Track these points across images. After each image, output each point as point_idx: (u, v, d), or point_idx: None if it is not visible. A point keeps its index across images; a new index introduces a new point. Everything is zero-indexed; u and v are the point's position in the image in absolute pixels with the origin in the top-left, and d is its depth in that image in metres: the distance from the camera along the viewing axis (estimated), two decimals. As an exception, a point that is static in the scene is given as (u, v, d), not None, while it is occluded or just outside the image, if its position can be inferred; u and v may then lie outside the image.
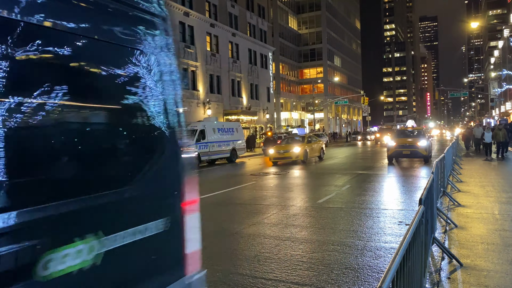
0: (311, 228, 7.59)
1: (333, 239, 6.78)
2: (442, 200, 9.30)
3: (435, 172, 6.74)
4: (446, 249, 5.54)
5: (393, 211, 8.85)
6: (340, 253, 5.94)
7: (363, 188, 12.40)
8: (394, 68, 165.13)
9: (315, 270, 5.27)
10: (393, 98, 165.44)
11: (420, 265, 3.65)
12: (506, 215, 7.97)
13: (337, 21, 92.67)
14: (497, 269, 5.07)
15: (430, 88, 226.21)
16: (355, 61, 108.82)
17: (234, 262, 5.74)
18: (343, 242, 6.57)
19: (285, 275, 5.16)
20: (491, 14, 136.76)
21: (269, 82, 54.96)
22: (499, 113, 55.76)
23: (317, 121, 77.92)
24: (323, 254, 5.96)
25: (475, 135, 26.85)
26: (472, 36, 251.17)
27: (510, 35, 50.17)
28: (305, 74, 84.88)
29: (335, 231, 7.29)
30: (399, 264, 2.29)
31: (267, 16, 56.48)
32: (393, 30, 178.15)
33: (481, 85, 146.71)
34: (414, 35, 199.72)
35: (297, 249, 6.26)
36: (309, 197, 11.26)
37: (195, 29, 38.39)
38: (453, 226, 7.21)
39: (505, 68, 42.40)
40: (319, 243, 6.56)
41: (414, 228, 2.94)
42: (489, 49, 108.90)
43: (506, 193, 10.51)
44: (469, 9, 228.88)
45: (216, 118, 29.35)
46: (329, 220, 8.24)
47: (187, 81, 36.90)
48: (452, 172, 13.63)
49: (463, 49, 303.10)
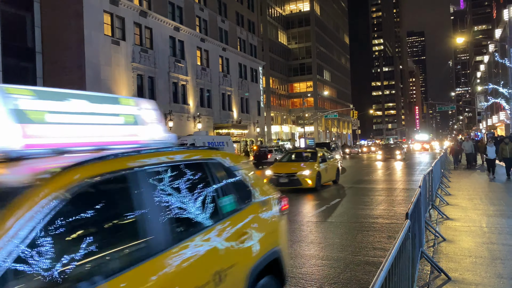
0: (300, 243, 7.55)
1: (322, 253, 6.75)
2: (430, 213, 9.34)
3: (423, 185, 6.77)
4: (434, 263, 5.54)
5: (382, 225, 8.85)
6: (329, 268, 5.91)
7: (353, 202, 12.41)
8: (383, 82, 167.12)
9: (303, 285, 5.23)
10: (382, 112, 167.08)
11: (407, 279, 3.63)
12: (493, 228, 8.01)
13: (326, 36, 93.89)
14: (485, 282, 5.08)
15: (418, 101, 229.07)
16: (344, 75, 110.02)
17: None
18: (332, 256, 6.54)
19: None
20: (476, 30, 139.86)
21: (260, 96, 55.23)
22: (486, 126, 56.63)
23: (307, 134, 78.25)
24: (312, 269, 5.92)
25: (465, 150, 24.56)
26: (459, 51, 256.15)
27: (495, 50, 51.24)
28: (295, 88, 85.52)
29: (324, 246, 7.26)
30: (384, 279, 2.28)
31: (257, 31, 57.04)
32: (381, 45, 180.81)
33: (468, 99, 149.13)
34: (402, 50, 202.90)
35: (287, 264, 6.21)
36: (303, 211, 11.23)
37: (186, 44, 38.58)
38: (442, 239, 7.23)
39: (490, 82, 43.23)
40: (308, 257, 6.52)
41: (399, 243, 2.94)
42: (475, 64, 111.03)
43: (493, 206, 10.59)
44: (455, 25, 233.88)
45: (207, 132, 29.35)
46: (319, 234, 8.21)
47: (177, 95, 36.95)
48: (440, 185, 13.73)
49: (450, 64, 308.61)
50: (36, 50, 27.91)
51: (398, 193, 14.35)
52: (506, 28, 44.61)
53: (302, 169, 15.05)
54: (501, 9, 51.52)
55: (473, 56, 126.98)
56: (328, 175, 16.35)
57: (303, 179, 14.62)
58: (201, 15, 42.13)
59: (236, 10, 50.39)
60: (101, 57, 28.37)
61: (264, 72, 63.60)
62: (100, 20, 28.59)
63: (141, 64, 32.33)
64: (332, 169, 16.98)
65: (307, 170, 14.94)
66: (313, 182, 14.67)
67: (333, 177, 17.23)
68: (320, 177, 15.25)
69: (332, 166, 17.07)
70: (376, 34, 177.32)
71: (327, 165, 16.39)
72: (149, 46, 33.75)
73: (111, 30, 29.81)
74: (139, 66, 32.05)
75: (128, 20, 31.38)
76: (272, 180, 14.83)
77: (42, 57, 28.13)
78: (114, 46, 29.71)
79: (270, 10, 77.26)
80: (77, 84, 27.17)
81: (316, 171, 15.12)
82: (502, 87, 34.96)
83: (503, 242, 6.97)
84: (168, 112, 34.97)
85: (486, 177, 18.32)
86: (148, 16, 33.36)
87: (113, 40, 29.67)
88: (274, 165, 16.62)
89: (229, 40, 47.44)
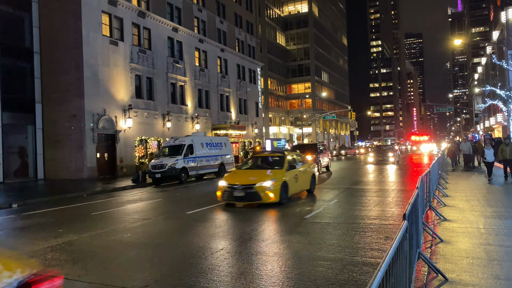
0: (298, 244, 7.56)
1: (320, 254, 6.76)
2: (428, 214, 9.36)
3: (420, 186, 6.80)
4: (432, 264, 5.56)
5: (379, 226, 8.86)
6: (326, 269, 5.92)
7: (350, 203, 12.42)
8: (381, 84, 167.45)
9: (301, 285, 5.24)
10: (380, 113, 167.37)
11: (404, 280, 3.65)
12: (490, 229, 8.04)
13: (324, 37, 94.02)
14: (482, 283, 5.10)
15: (416, 103, 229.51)
16: (342, 76, 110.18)
17: (220, 279, 5.67)
18: (330, 257, 6.55)
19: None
20: (474, 32, 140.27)
21: (258, 97, 55.25)
22: (484, 128, 56.80)
23: (305, 135, 78.32)
24: (310, 269, 5.92)
25: (463, 151, 24.55)
26: (456, 53, 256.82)
27: (492, 52, 51.43)
28: (293, 89, 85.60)
29: (322, 247, 7.27)
30: (381, 279, 2.29)
31: (255, 32, 57.07)
32: (379, 47, 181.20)
33: (466, 101, 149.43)
34: (400, 52, 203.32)
35: (285, 265, 6.22)
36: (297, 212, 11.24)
37: (184, 45, 38.57)
38: (439, 240, 7.25)
39: (488, 84, 43.35)
40: (306, 258, 6.53)
41: (397, 244, 2.95)
42: (473, 66, 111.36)
43: (491, 207, 10.62)
44: (453, 27, 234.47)
45: (205, 133, 29.29)
46: (317, 235, 8.22)
47: (175, 96, 36.95)
48: (438, 187, 13.76)
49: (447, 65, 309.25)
50: (34, 51, 27.87)
51: (385, 206, 14.36)
52: (504, 30, 44.77)
53: (263, 178, 12.07)
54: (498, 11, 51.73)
55: (470, 58, 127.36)
56: (299, 185, 13.59)
57: (263, 192, 11.72)
58: (200, 16, 42.14)
59: (235, 11, 50.42)
60: (99, 57, 28.34)
61: (263, 73, 63.62)
62: (98, 21, 28.56)
63: (139, 65, 32.30)
64: (304, 176, 14.16)
65: (268, 181, 11.91)
66: (276, 195, 11.82)
67: (307, 186, 14.42)
68: (287, 188, 12.44)
69: (304, 173, 14.22)
70: (374, 35, 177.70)
71: (297, 172, 13.43)
72: (147, 47, 33.73)
73: (109, 30, 29.78)
74: (137, 67, 32.02)
75: (127, 21, 31.36)
76: (225, 193, 12.19)
77: (40, 57, 28.08)
78: (112, 47, 29.68)
79: (269, 11, 77.35)
80: (75, 84, 27.14)
81: (282, 180, 12.18)
82: (500, 89, 35.07)
83: (500, 243, 6.99)
84: (166, 113, 34.94)
85: (484, 179, 18.33)
86: (146, 16, 33.35)
87: (111, 40, 29.65)
88: (230, 174, 13.82)
89: (227, 41, 47.46)
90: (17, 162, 27.81)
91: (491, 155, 17.89)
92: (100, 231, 9.25)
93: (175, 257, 6.92)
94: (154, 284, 5.50)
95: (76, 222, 10.71)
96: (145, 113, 32.73)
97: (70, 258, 6.98)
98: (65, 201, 15.79)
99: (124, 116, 30.18)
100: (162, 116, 34.74)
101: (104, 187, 20.45)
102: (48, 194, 17.87)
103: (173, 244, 7.87)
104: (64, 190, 19.20)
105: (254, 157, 15.61)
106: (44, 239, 8.58)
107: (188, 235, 8.50)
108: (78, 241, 8.34)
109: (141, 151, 31.48)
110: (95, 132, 27.56)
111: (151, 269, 6.23)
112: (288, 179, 12.61)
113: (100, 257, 7.07)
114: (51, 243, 8.17)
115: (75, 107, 27.09)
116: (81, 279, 5.84)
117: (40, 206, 14.31)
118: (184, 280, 5.65)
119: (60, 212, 12.91)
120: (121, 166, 29.37)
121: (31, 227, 10.27)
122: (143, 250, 7.53)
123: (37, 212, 12.83)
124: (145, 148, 32.10)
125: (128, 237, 8.66)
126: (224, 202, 12.62)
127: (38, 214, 12.54)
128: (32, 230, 9.81)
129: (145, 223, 10.02)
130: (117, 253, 7.36)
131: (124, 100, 30.47)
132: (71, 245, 7.99)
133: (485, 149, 18.57)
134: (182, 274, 5.89)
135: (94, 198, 16.47)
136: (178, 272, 6.03)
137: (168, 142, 25.00)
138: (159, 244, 7.91)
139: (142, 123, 32.15)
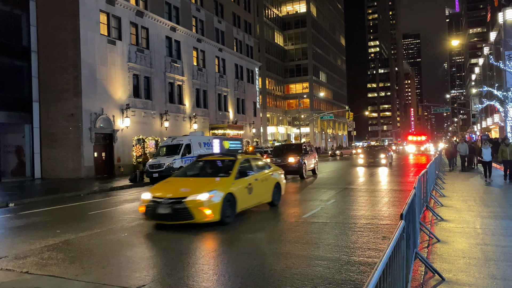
0: (295, 244, 7.56)
1: (317, 254, 6.77)
2: (425, 214, 9.39)
3: (417, 186, 6.81)
4: (429, 264, 5.58)
5: (377, 226, 8.88)
6: (324, 268, 5.93)
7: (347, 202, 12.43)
8: (379, 84, 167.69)
9: (298, 285, 5.25)
10: (377, 113, 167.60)
11: (401, 280, 3.66)
12: (487, 230, 8.07)
13: (322, 37, 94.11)
14: (478, 283, 5.12)
15: (413, 103, 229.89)
16: (340, 76, 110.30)
17: (218, 279, 5.68)
18: (327, 257, 6.56)
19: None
20: (471, 32, 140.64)
21: (256, 97, 55.25)
22: (481, 129, 56.97)
23: (303, 135, 78.40)
24: (307, 269, 5.93)
25: (460, 152, 24.16)
26: (454, 53, 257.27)
27: (490, 53, 51.59)
28: (291, 89, 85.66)
29: (319, 246, 7.28)
30: (379, 279, 2.29)
31: (254, 32, 57.07)
32: (377, 47, 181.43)
33: (463, 101, 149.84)
34: (398, 52, 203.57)
35: (282, 264, 6.22)
36: (294, 212, 11.23)
37: (182, 44, 38.53)
38: (436, 240, 7.27)
39: (485, 85, 43.49)
40: (303, 258, 6.54)
41: (394, 243, 2.96)
42: (470, 66, 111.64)
43: (487, 208, 10.66)
44: (451, 27, 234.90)
45: (202, 133, 29.29)
46: (314, 235, 8.23)
47: (173, 95, 36.90)
48: (435, 187, 13.80)
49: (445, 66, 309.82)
50: (32, 49, 27.79)
51: (393, 194, 14.36)
52: (501, 31, 44.91)
53: (198, 190, 9.10)
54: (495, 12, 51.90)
55: (468, 59, 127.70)
56: (254, 196, 10.63)
57: (197, 208, 8.78)
58: (198, 16, 42.10)
59: (233, 10, 50.40)
60: (97, 56, 28.28)
61: (261, 73, 63.63)
62: (96, 20, 28.50)
63: (137, 64, 32.25)
64: (264, 186, 11.28)
65: (204, 193, 8.93)
66: (216, 212, 8.91)
67: (267, 198, 11.51)
68: (234, 202, 9.58)
69: (264, 182, 11.32)
70: (372, 36, 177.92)
71: (251, 180, 10.56)
72: (145, 46, 33.68)
73: (107, 29, 29.72)
74: (135, 66, 31.97)
75: (125, 20, 31.30)
76: (148, 209, 9.24)
77: (37, 56, 28.01)
78: (110, 46, 29.63)
79: (267, 11, 77.38)
80: (72, 83, 27.08)
81: (226, 192, 9.35)
82: (497, 89, 35.19)
83: (497, 244, 7.02)
84: (164, 112, 34.90)
85: (480, 179, 18.32)
86: (144, 16, 33.30)
87: (109, 39, 29.59)
88: (161, 183, 10.59)
89: (225, 40, 47.44)
90: (14, 161, 27.75)
91: (488, 154, 17.24)
92: (97, 231, 9.24)
93: (172, 256, 6.92)
94: (151, 283, 5.50)
95: (73, 222, 10.69)
96: (143, 113, 32.68)
97: (67, 257, 6.97)
98: (62, 200, 15.75)
99: (121, 116, 30.14)
100: (159, 116, 34.70)
101: (101, 186, 20.41)
102: (45, 194, 17.82)
103: (171, 243, 7.87)
104: (61, 189, 19.16)
105: (197, 161, 12.07)
106: (41, 238, 8.56)
107: (184, 231, 8.49)
108: (75, 240, 8.32)
109: (138, 151, 31.43)
110: (93, 131, 27.50)
111: (148, 269, 6.23)
112: (235, 190, 9.70)
113: (97, 256, 7.06)
114: (48, 242, 8.15)
115: (73, 106, 27.03)
116: (78, 278, 5.83)
117: (37, 206, 14.27)
118: (182, 280, 5.65)
119: (57, 212, 12.88)
120: (118, 166, 29.33)
121: (28, 226, 10.25)
122: (141, 249, 7.52)
123: (34, 212, 12.80)
124: (142, 148, 32.06)
125: (125, 236, 8.65)
126: None
127: (35, 213, 12.51)
128: (29, 229, 9.79)
129: (143, 223, 10.01)
130: (114, 252, 7.35)
131: (122, 99, 30.42)
132: (68, 244, 7.98)
133: (483, 148, 17.79)
134: (179, 274, 5.90)
135: (91, 198, 16.44)
136: (174, 271, 6.03)
137: (165, 142, 24.98)
138: (157, 243, 7.89)
139: (139, 123, 32.10)
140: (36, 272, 6.16)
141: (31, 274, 6.08)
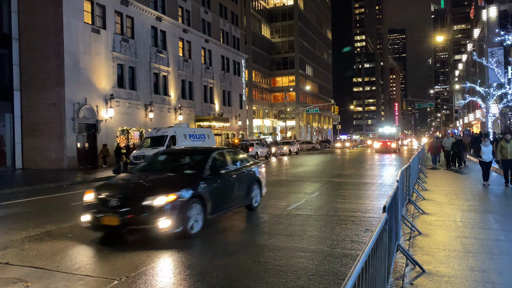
0: (279, 236, 7.61)
1: (301, 246, 6.82)
2: (407, 207, 9.54)
3: (400, 180, 6.91)
4: (410, 256, 5.68)
5: (360, 218, 8.99)
6: (307, 260, 5.98)
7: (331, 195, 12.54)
8: (364, 78, 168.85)
9: (282, 277, 5.28)
10: (362, 108, 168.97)
11: (383, 271, 3.71)
12: (467, 223, 8.25)
13: (309, 31, 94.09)
14: (458, 275, 5.24)
15: (398, 98, 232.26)
16: (326, 70, 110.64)
17: (201, 269, 5.68)
18: (311, 249, 6.61)
19: (252, 283, 5.15)
20: (455, 29, 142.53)
21: (242, 89, 55.07)
22: (463, 124, 57.95)
23: (288, 128, 78.62)
24: (290, 261, 5.98)
25: (445, 147, 22.06)
26: (438, 49, 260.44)
27: (473, 49, 52.36)
28: (277, 82, 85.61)
29: (303, 238, 7.34)
30: (361, 270, 2.32)
31: (240, 24, 56.72)
32: (363, 41, 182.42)
33: (447, 97, 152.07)
34: (383, 47, 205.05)
35: (266, 256, 6.26)
36: (279, 204, 11.29)
37: (168, 34, 38.06)
38: (417, 233, 7.40)
39: (468, 81, 44.08)
40: (287, 250, 6.58)
41: (376, 236, 3.00)
42: (454, 62, 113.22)
43: (467, 201, 10.89)
44: (436, 23, 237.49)
45: (188, 124, 29.08)
46: (298, 227, 8.29)
47: (158, 86, 36.49)
48: (417, 181, 14.02)
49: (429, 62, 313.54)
50: (13, 36, 27.10)
51: (376, 187, 14.53)
52: (484, 28, 45.55)
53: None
54: (479, 9, 52.57)
55: (452, 55, 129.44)
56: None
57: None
58: (184, 6, 41.61)
59: (220, 1, 49.95)
60: (81, 45, 27.74)
61: (247, 65, 63.38)
62: (80, 8, 27.92)
63: (122, 54, 31.76)
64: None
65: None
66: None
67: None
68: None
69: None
70: (358, 30, 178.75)
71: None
72: (130, 36, 33.17)
73: (91, 18, 29.14)
74: (119, 56, 31.48)
75: (109, 8, 30.74)
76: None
77: (18, 43, 27.34)
78: (94, 35, 29.09)
79: (254, 2, 76.92)
80: (55, 72, 26.54)
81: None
82: (479, 86, 35.75)
83: (476, 236, 7.18)
84: (148, 103, 34.53)
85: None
86: (129, 4, 32.76)
87: (93, 28, 29.04)
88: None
89: (212, 31, 47.04)
90: (-6, 150, 27.15)
91: (489, 153, 14.20)
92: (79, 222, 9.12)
93: (151, 245, 6.90)
94: (136, 276, 5.47)
95: (54, 213, 10.54)
96: (127, 103, 32.27)
97: (49, 248, 6.88)
98: (44, 191, 15.51)
99: (105, 106, 29.71)
100: (144, 107, 34.32)
101: (84, 177, 20.15)
102: (26, 184, 17.52)
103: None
104: (43, 180, 18.85)
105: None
106: (22, 229, 8.42)
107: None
108: (57, 231, 8.21)
109: (122, 142, 31.08)
110: (76, 121, 27.07)
111: (134, 260, 6.19)
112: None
113: (79, 247, 6.98)
114: (29, 233, 8.03)
115: (55, 96, 26.52)
116: (59, 269, 5.76)
117: (18, 196, 14.02)
118: (178, 268, 5.62)
119: (38, 202, 12.68)
120: (102, 156, 28.97)
121: (9, 216, 10.07)
122: (125, 241, 7.46)
123: (14, 202, 12.58)
124: (127, 139, 31.71)
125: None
126: None
127: (16, 204, 12.29)
128: (9, 220, 9.62)
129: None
130: (97, 244, 7.27)
131: (106, 89, 29.97)
132: (49, 235, 7.87)
133: (482, 145, 14.47)
134: (163, 265, 5.86)
135: (73, 188, 16.23)
136: (184, 256, 6.01)
137: (150, 133, 24.75)
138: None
139: (124, 113, 31.70)
140: (17, 263, 6.07)
141: (12, 265, 5.99)
